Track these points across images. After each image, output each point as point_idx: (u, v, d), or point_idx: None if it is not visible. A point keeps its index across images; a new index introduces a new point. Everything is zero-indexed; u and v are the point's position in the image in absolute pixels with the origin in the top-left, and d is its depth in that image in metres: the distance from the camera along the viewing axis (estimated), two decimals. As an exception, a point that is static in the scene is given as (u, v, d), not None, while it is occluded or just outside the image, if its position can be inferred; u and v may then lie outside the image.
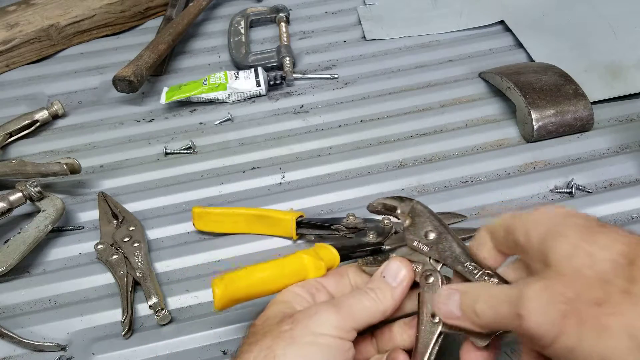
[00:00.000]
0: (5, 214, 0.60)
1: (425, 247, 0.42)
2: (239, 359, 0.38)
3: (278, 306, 0.41)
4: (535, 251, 0.35)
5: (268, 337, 0.38)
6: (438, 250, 0.42)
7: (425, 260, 0.42)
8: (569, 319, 0.31)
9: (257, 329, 0.40)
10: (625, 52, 0.77)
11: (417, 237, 0.43)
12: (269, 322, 0.40)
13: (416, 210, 0.44)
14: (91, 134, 0.75)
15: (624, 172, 0.63)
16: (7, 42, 0.84)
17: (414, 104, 0.74)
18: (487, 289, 0.38)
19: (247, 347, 0.38)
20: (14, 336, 0.52)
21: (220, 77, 0.77)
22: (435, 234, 0.42)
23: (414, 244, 0.43)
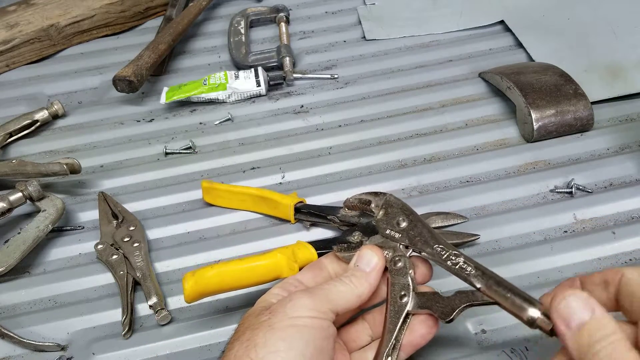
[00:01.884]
0: (5, 214, 0.60)
1: (396, 234, 0.45)
2: (224, 358, 0.39)
3: (258, 305, 0.43)
4: None
5: (248, 331, 0.39)
6: (408, 237, 0.44)
7: (395, 247, 0.45)
8: None
9: (239, 328, 0.41)
10: (625, 52, 0.77)
11: (389, 225, 0.46)
12: (249, 319, 0.41)
13: (389, 202, 0.47)
14: (91, 134, 0.75)
15: (624, 172, 0.63)
16: (7, 42, 0.84)
17: (414, 104, 0.74)
18: None
19: (229, 345, 0.39)
20: (14, 336, 0.52)
21: (220, 77, 0.77)
22: (406, 222, 0.45)
23: (386, 232, 0.46)
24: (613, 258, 0.55)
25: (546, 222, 0.59)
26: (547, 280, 0.54)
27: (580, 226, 0.58)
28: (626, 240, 0.56)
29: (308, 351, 0.37)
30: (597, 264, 0.55)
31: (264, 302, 0.43)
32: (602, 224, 0.58)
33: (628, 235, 0.56)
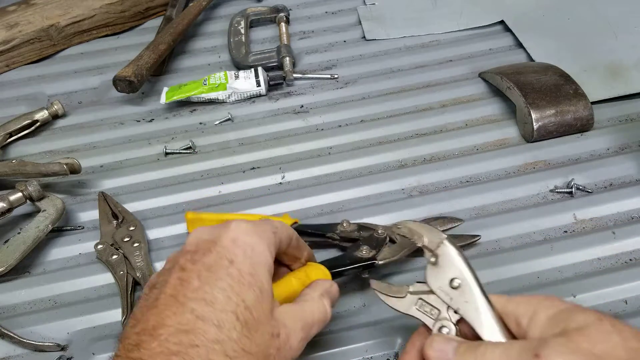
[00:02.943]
0: (5, 214, 0.60)
1: (447, 296, 0.39)
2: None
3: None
4: (543, 326, 0.35)
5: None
6: (460, 303, 0.39)
7: (443, 308, 0.39)
8: None
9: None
10: (625, 52, 0.77)
11: (440, 281, 0.39)
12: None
13: (446, 248, 0.40)
14: (91, 134, 0.75)
15: (624, 172, 0.63)
16: (7, 42, 0.84)
17: (414, 104, 0.74)
18: (494, 343, 0.37)
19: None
20: (14, 336, 0.52)
21: (220, 77, 0.77)
22: (460, 282, 0.39)
23: (435, 287, 0.39)
24: (613, 258, 0.55)
25: (546, 222, 0.59)
26: (547, 280, 0.54)
27: (580, 226, 0.58)
28: (626, 240, 0.56)
29: None
30: (597, 264, 0.55)
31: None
32: (602, 224, 0.58)
33: (628, 235, 0.56)
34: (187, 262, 0.38)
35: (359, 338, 0.50)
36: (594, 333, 0.33)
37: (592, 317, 0.34)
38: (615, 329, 0.33)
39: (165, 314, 0.35)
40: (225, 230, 0.39)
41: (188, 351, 0.33)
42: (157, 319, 0.35)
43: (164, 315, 0.35)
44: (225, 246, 0.38)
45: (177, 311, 0.35)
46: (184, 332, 0.34)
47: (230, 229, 0.39)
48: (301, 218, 0.62)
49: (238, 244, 0.38)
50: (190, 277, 0.36)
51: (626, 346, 0.32)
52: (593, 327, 0.33)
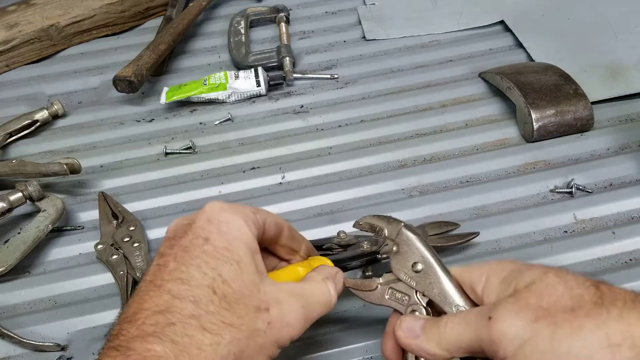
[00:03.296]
0: (5, 214, 0.60)
1: (412, 281, 0.41)
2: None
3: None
4: (497, 290, 0.37)
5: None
6: (425, 285, 0.40)
7: (411, 293, 0.41)
8: (543, 321, 0.32)
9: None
10: (625, 52, 0.77)
11: (404, 267, 0.41)
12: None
13: (403, 235, 0.42)
14: (91, 134, 0.75)
15: (624, 172, 0.63)
16: (7, 42, 0.84)
17: (414, 104, 0.74)
18: (459, 312, 0.39)
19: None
20: (14, 336, 0.52)
21: (220, 77, 0.77)
22: (422, 265, 0.41)
23: (400, 275, 0.41)
24: (613, 258, 0.55)
25: (546, 222, 0.59)
26: (547, 280, 0.54)
27: (580, 226, 0.58)
28: (626, 240, 0.56)
29: None
30: (597, 264, 0.55)
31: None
32: (602, 224, 0.58)
33: (628, 235, 0.56)
34: (166, 248, 0.38)
35: (359, 338, 0.50)
36: (540, 287, 0.34)
37: (538, 272, 0.35)
38: (561, 280, 0.34)
39: (143, 299, 0.35)
40: (200, 212, 0.39)
41: (164, 330, 0.33)
42: (136, 305, 0.35)
43: (142, 300, 0.35)
44: (200, 226, 0.38)
45: (154, 294, 0.35)
46: (160, 312, 0.34)
47: (205, 209, 0.39)
48: (301, 218, 0.62)
49: (212, 222, 0.38)
50: (167, 260, 0.37)
51: (571, 294, 0.33)
52: (539, 282, 0.35)
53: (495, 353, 0.34)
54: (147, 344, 0.33)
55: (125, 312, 0.35)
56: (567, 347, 0.31)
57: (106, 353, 0.33)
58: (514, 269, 0.37)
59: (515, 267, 0.38)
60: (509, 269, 0.38)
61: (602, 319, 0.31)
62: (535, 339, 0.32)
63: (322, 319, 0.52)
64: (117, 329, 0.34)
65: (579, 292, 0.33)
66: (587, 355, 0.31)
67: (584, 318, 0.32)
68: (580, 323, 0.31)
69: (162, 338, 0.33)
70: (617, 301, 0.32)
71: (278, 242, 0.44)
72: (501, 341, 0.33)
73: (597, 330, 0.31)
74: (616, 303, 0.32)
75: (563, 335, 0.31)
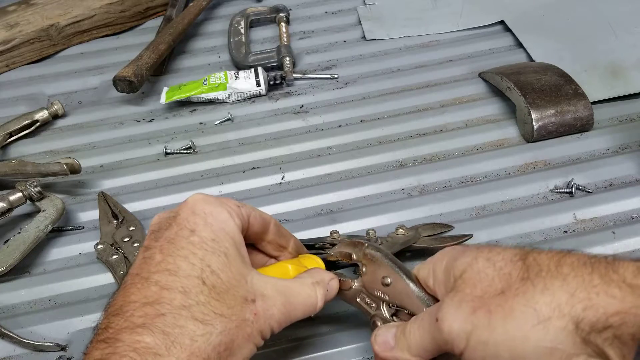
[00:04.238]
0: (5, 214, 0.60)
1: (385, 295, 0.43)
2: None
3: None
4: (443, 281, 0.38)
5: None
6: (396, 295, 0.42)
7: (379, 304, 0.43)
8: (479, 311, 0.33)
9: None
10: (625, 52, 0.77)
11: (375, 284, 0.43)
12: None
13: (368, 255, 0.44)
14: (91, 134, 0.75)
15: (624, 172, 0.63)
16: (7, 42, 0.84)
17: (414, 104, 0.74)
18: (416, 316, 0.39)
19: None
20: (14, 336, 0.52)
21: (220, 77, 0.77)
22: (390, 279, 0.42)
23: (374, 291, 0.43)
24: (613, 258, 0.55)
25: (546, 222, 0.59)
26: (547, 280, 0.54)
27: (580, 226, 0.58)
28: (626, 240, 0.56)
29: None
30: (597, 264, 0.55)
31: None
32: (602, 224, 0.58)
33: (628, 235, 0.56)
34: (151, 241, 0.38)
35: (359, 338, 0.50)
36: (472, 274, 0.35)
37: (469, 258, 0.36)
38: (489, 262, 0.35)
39: (130, 291, 0.35)
40: (184, 204, 0.39)
41: (154, 321, 0.33)
42: (123, 298, 0.35)
43: (129, 293, 0.35)
44: (185, 217, 0.38)
45: (142, 287, 0.35)
46: (149, 304, 0.34)
47: (189, 201, 0.39)
48: (301, 218, 0.62)
49: (197, 213, 0.38)
50: (153, 253, 0.37)
51: (500, 275, 0.34)
52: (470, 269, 0.35)
53: (453, 351, 0.35)
54: (137, 335, 0.33)
55: (112, 305, 0.35)
56: (503, 333, 0.32)
57: (94, 346, 0.33)
58: (450, 257, 0.38)
59: (452, 254, 0.38)
60: (447, 257, 0.39)
61: (529, 295, 0.32)
62: (476, 331, 0.33)
63: (322, 319, 0.52)
64: (105, 323, 0.34)
65: (507, 270, 0.34)
66: (523, 336, 0.31)
67: (514, 299, 0.32)
68: (511, 305, 0.32)
69: (152, 329, 0.33)
70: (542, 271, 0.33)
71: (264, 238, 0.44)
72: (452, 340, 0.34)
73: (526, 309, 0.31)
74: (540, 274, 0.33)
75: (498, 322, 0.32)
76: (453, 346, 0.34)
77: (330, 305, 0.53)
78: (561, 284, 0.31)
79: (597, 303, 0.30)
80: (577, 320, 0.30)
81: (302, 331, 0.52)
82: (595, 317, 0.30)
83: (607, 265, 0.31)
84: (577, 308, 0.30)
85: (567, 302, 0.31)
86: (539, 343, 0.31)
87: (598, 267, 0.32)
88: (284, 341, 0.51)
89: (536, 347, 0.31)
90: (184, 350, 0.33)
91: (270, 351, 0.50)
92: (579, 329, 0.30)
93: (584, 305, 0.30)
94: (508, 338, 0.32)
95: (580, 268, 0.32)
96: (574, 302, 0.31)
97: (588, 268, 0.32)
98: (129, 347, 0.32)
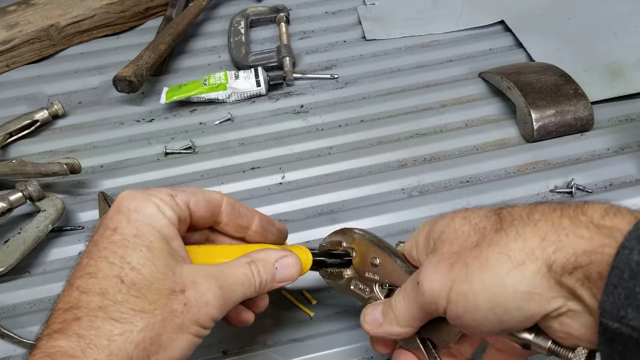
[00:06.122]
0: (5, 214, 0.60)
1: (375, 275, 0.44)
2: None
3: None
4: (424, 248, 0.39)
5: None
6: (386, 275, 0.43)
7: (372, 286, 0.44)
8: (456, 266, 0.34)
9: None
10: (625, 52, 0.77)
11: (365, 266, 0.45)
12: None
13: (357, 239, 0.45)
14: (91, 134, 0.75)
15: (624, 172, 0.63)
16: (7, 42, 0.84)
17: (414, 104, 0.74)
18: (400, 287, 0.40)
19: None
20: (14, 336, 0.52)
21: (220, 77, 0.77)
22: (379, 259, 0.44)
23: (364, 273, 0.45)
24: (613, 258, 0.55)
25: (546, 222, 0.59)
26: (547, 280, 0.54)
27: (580, 226, 0.58)
28: (626, 240, 0.56)
29: None
30: (597, 264, 0.55)
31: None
32: (602, 224, 0.58)
33: (628, 235, 0.56)
34: (86, 247, 0.38)
35: (359, 338, 0.50)
36: (449, 233, 0.36)
37: (447, 219, 0.37)
38: (465, 220, 0.36)
39: (58, 300, 0.36)
40: (114, 203, 0.39)
41: (70, 325, 0.34)
42: (53, 307, 0.36)
43: (57, 302, 0.36)
44: (109, 217, 0.38)
45: (66, 293, 0.36)
46: (68, 310, 0.35)
47: (116, 199, 0.39)
48: (301, 218, 0.62)
49: (121, 211, 0.38)
50: (81, 258, 0.37)
51: (475, 229, 0.35)
52: (447, 229, 0.36)
53: (437, 310, 0.35)
54: (53, 340, 0.33)
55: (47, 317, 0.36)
56: (481, 282, 0.32)
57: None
58: (430, 224, 0.39)
59: (432, 221, 0.39)
60: (428, 225, 0.39)
61: (502, 243, 0.32)
62: (455, 285, 0.33)
63: (322, 319, 0.52)
64: (40, 335, 0.35)
65: (482, 225, 0.35)
66: (500, 283, 0.32)
67: (488, 249, 0.33)
68: (486, 255, 0.33)
69: (67, 333, 0.33)
70: (514, 220, 0.33)
71: (219, 221, 0.43)
72: (435, 299, 0.34)
73: (500, 256, 0.32)
74: (513, 223, 0.33)
75: (475, 272, 0.33)
76: (437, 306, 0.35)
77: (330, 305, 0.53)
78: (532, 229, 0.32)
79: (566, 244, 0.30)
80: (549, 263, 0.31)
81: (302, 331, 0.52)
82: (565, 257, 0.30)
83: (575, 209, 0.32)
84: (549, 251, 0.31)
85: (539, 245, 0.31)
86: (516, 287, 0.31)
87: (567, 211, 0.32)
88: (284, 341, 0.51)
89: (514, 292, 0.31)
90: (101, 352, 0.33)
91: (270, 351, 0.50)
92: (552, 271, 0.31)
93: (555, 247, 0.31)
94: (486, 287, 0.32)
95: (550, 213, 0.33)
96: (545, 245, 0.31)
97: (558, 212, 0.32)
98: (44, 352, 0.33)
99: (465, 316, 0.33)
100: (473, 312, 0.33)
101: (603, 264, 0.29)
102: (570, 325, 0.31)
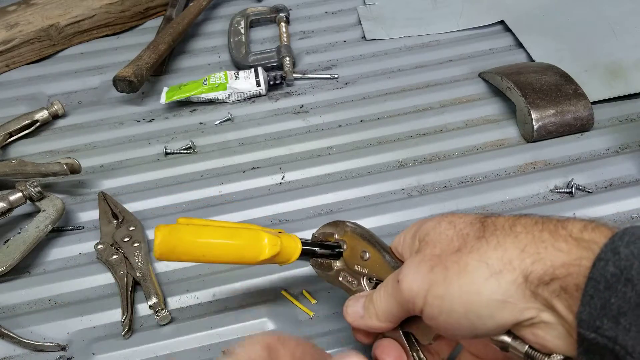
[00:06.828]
0: (5, 214, 0.60)
1: (364, 269, 0.45)
2: None
3: None
4: (409, 246, 0.40)
5: None
6: (375, 269, 0.44)
7: (360, 279, 0.45)
8: (436, 269, 0.34)
9: None
10: (625, 52, 0.77)
11: (355, 259, 0.45)
12: None
13: (349, 232, 0.46)
14: (91, 134, 0.75)
15: (624, 172, 0.63)
16: (7, 42, 0.84)
17: (414, 104, 0.74)
18: (382, 282, 0.41)
19: None
20: (14, 336, 0.52)
21: (220, 77, 0.77)
22: (369, 253, 0.44)
23: (354, 267, 0.45)
24: (613, 258, 0.55)
25: (546, 222, 0.59)
26: (547, 280, 0.54)
27: (580, 226, 0.58)
28: (626, 240, 0.56)
29: None
30: (597, 264, 0.55)
31: None
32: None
33: (628, 235, 0.56)
34: None
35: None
36: (434, 235, 0.37)
37: (434, 222, 0.38)
38: (451, 225, 0.37)
39: None
40: None
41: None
42: None
43: None
44: None
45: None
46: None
47: None
48: (301, 218, 0.62)
49: None
50: None
51: (459, 234, 0.36)
52: (433, 231, 0.37)
53: (414, 311, 0.36)
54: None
55: None
56: (458, 287, 0.33)
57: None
58: (418, 224, 0.40)
59: (420, 222, 0.40)
60: (417, 225, 0.40)
61: (482, 251, 0.33)
62: (433, 287, 0.34)
63: (322, 319, 0.52)
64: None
65: (466, 231, 0.35)
66: (476, 290, 0.32)
67: (468, 255, 0.33)
68: (465, 261, 0.33)
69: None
70: (497, 230, 0.34)
71: None
72: (412, 298, 0.35)
73: (479, 264, 0.33)
74: (495, 232, 0.34)
75: (453, 277, 0.33)
76: (414, 305, 0.35)
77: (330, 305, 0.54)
78: (513, 240, 0.33)
79: (544, 257, 0.31)
80: (526, 274, 0.31)
81: (302, 331, 0.52)
82: (543, 269, 0.31)
83: (557, 223, 0.33)
84: (527, 262, 0.32)
85: (518, 256, 0.32)
86: (491, 296, 0.32)
87: (548, 225, 0.33)
88: (284, 341, 0.51)
89: (489, 301, 0.32)
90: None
91: (270, 351, 0.50)
92: (528, 282, 0.31)
93: (533, 259, 0.31)
94: (462, 292, 0.33)
95: (531, 226, 0.33)
96: (524, 256, 0.32)
97: (539, 226, 0.33)
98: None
99: (439, 318, 0.34)
100: (448, 315, 0.34)
101: (580, 276, 0.29)
102: (543, 337, 0.32)
